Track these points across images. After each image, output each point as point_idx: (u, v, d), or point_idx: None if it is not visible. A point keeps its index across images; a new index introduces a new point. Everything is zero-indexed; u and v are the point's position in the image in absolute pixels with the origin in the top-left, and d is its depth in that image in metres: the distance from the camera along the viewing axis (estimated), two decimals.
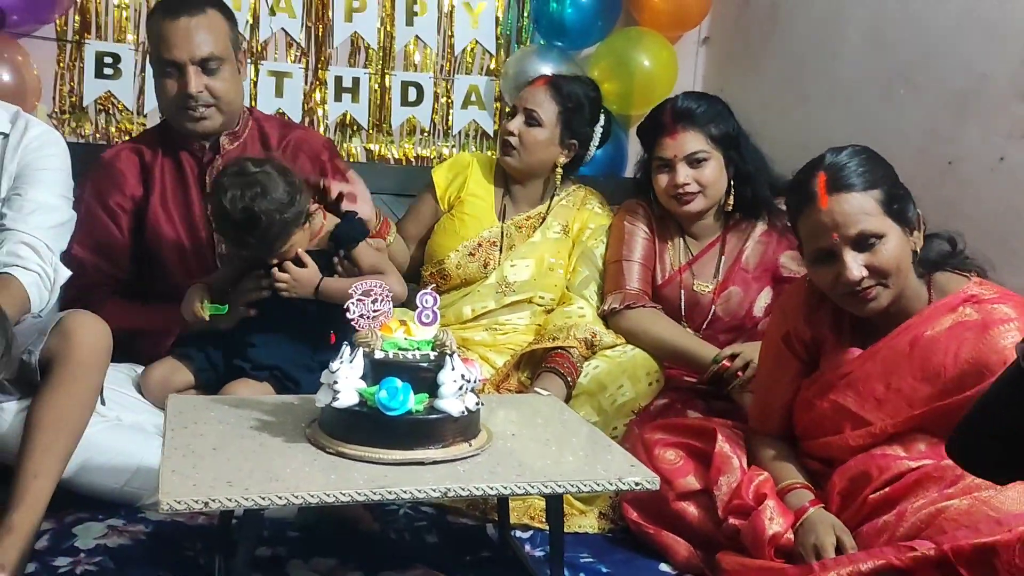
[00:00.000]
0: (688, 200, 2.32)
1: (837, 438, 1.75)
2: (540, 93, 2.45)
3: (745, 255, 2.37)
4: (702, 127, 2.31)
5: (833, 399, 1.75)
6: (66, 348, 1.69)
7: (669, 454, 1.91)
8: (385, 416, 1.47)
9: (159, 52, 2.11)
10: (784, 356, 1.85)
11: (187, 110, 2.12)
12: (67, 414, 1.67)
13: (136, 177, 2.21)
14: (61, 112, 2.94)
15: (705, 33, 3.34)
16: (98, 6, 2.93)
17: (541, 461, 1.56)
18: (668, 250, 2.42)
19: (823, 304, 1.81)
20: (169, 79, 2.11)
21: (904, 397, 1.69)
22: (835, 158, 1.69)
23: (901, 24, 2.47)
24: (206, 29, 2.09)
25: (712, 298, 2.36)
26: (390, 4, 3.12)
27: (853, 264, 1.65)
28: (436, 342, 1.55)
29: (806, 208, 1.69)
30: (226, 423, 1.61)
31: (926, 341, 1.68)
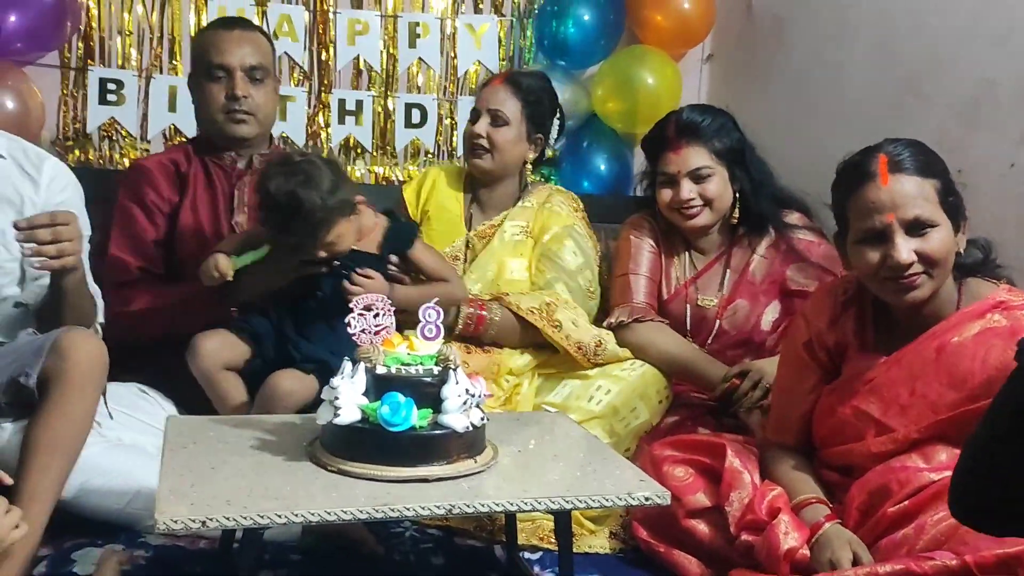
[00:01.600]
0: (693, 215, 2.30)
1: (859, 445, 1.71)
2: (501, 92, 2.40)
3: (752, 268, 2.34)
4: (706, 142, 2.28)
5: (855, 405, 1.72)
6: (62, 368, 1.66)
7: (678, 471, 1.87)
8: (388, 432, 1.43)
9: (209, 58, 2.22)
10: (805, 364, 1.82)
11: (231, 113, 2.22)
12: (63, 435, 1.65)
13: (170, 181, 2.27)
14: (65, 139, 2.95)
15: (709, 50, 3.34)
16: (102, 33, 2.94)
17: (548, 477, 1.52)
18: (674, 265, 2.39)
19: (847, 310, 1.78)
20: (216, 84, 2.22)
21: (929, 403, 1.65)
22: (895, 144, 1.67)
23: (908, 34, 2.46)
24: (256, 43, 2.26)
25: (718, 312, 2.32)
26: (392, 27, 3.13)
27: (904, 247, 1.61)
28: (439, 356, 1.52)
29: (862, 186, 1.65)
30: (225, 442, 1.58)
31: (953, 347, 1.65)
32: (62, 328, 1.76)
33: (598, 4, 3.08)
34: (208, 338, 2.00)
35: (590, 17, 3.07)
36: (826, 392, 1.79)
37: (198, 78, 2.26)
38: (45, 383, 1.68)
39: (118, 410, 1.96)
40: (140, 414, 2.04)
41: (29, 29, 2.71)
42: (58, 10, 2.76)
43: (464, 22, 3.17)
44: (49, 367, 1.67)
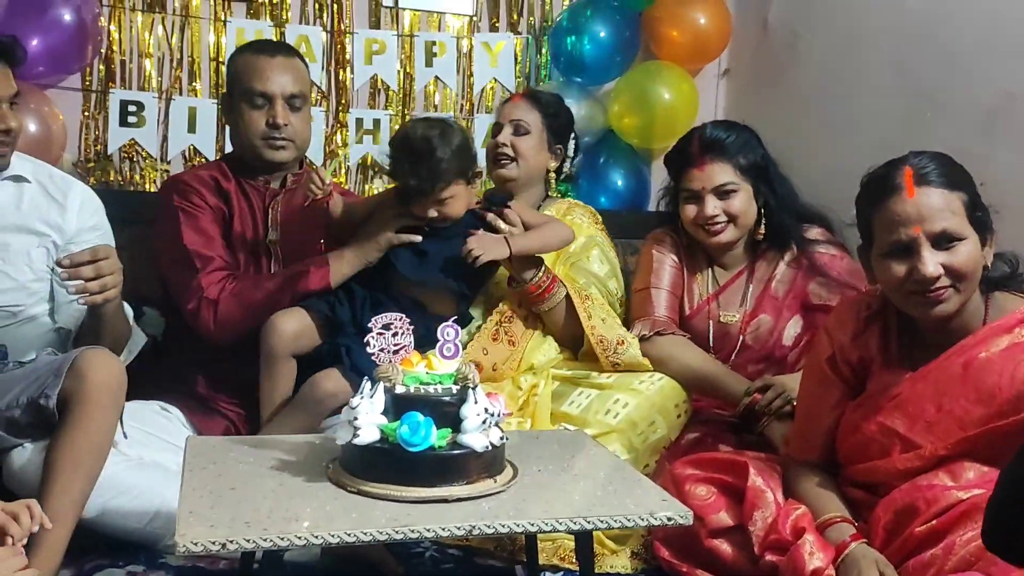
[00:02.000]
0: (717, 231, 2.29)
1: (884, 462, 1.69)
2: (521, 104, 2.47)
3: (774, 283, 2.33)
4: (730, 158, 2.27)
5: (881, 421, 1.70)
6: (80, 389, 1.68)
7: (700, 490, 1.85)
8: (407, 452, 1.43)
9: (251, 84, 2.23)
10: (828, 379, 1.80)
11: (271, 139, 2.24)
12: (83, 456, 1.66)
13: (214, 194, 2.28)
14: (86, 161, 2.97)
15: (725, 65, 3.33)
16: (123, 56, 2.97)
17: (569, 497, 1.51)
18: (696, 281, 2.39)
19: (871, 325, 1.76)
20: (257, 110, 2.23)
21: (956, 419, 1.63)
22: (920, 157, 1.66)
23: (924, 47, 2.44)
24: (296, 70, 2.28)
25: (741, 327, 2.31)
26: (409, 46, 3.15)
27: (930, 260, 1.60)
28: (458, 375, 1.52)
29: (888, 199, 1.63)
30: (245, 462, 1.58)
31: (980, 363, 1.63)
32: (80, 348, 1.77)
33: (614, 21, 3.09)
34: (288, 319, 2.11)
35: (606, 34, 3.07)
36: (850, 408, 1.77)
37: (237, 101, 2.26)
38: (64, 404, 1.69)
39: (139, 428, 1.98)
40: (161, 432, 2.05)
41: (51, 53, 2.74)
42: (80, 34, 2.79)
43: (480, 40, 3.19)
44: (68, 388, 1.69)
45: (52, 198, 2.11)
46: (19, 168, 2.08)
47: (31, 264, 2.04)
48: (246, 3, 3.03)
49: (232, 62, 2.34)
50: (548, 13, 3.22)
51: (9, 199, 2.04)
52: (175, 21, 2.99)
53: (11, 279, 2.01)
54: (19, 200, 2.07)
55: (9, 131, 1.97)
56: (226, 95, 2.34)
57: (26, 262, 2.04)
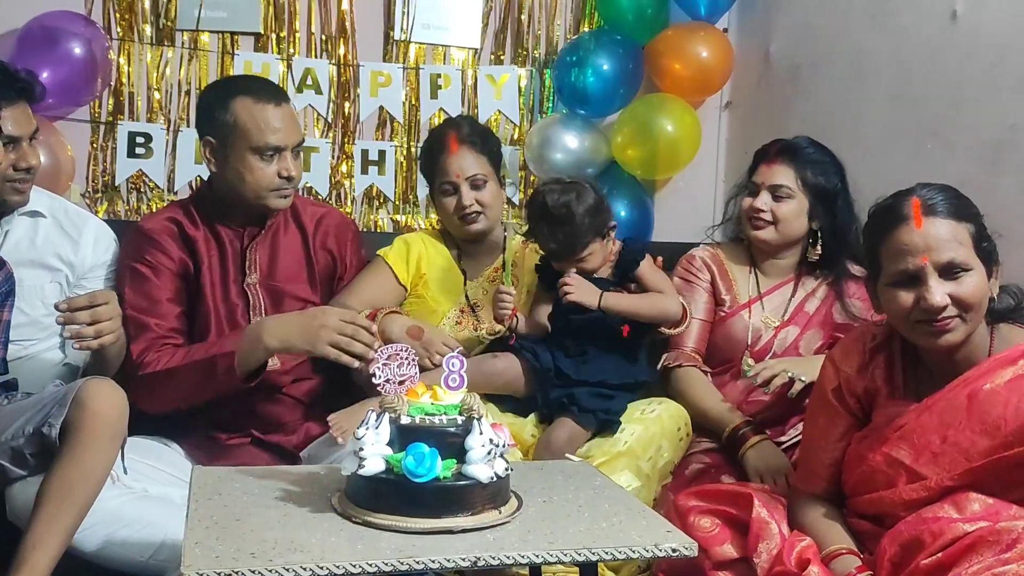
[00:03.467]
0: (759, 227, 2.36)
1: (890, 492, 1.68)
2: (467, 156, 2.37)
3: (810, 300, 2.39)
4: (798, 167, 2.35)
5: (886, 452, 1.70)
6: (81, 419, 1.68)
7: (704, 521, 1.84)
8: (412, 483, 1.43)
9: (261, 137, 2.11)
10: (834, 410, 1.80)
11: (280, 190, 2.16)
12: (75, 486, 1.65)
13: (179, 245, 2.18)
14: (94, 191, 3.00)
15: (727, 97, 3.36)
16: (131, 88, 3.01)
17: (574, 528, 1.50)
18: (738, 279, 2.44)
19: (876, 356, 1.77)
20: (267, 163, 2.13)
21: (962, 451, 1.63)
22: (928, 188, 1.68)
23: (927, 80, 2.47)
24: (296, 116, 2.24)
25: (774, 333, 2.36)
26: (415, 78, 3.18)
27: (937, 290, 1.61)
28: (463, 406, 1.52)
29: (896, 229, 1.65)
30: (250, 494, 1.58)
31: (985, 394, 1.63)
32: (85, 378, 1.77)
33: (617, 54, 3.12)
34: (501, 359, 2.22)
35: (609, 67, 3.10)
36: (856, 439, 1.77)
37: (240, 151, 2.12)
38: (65, 433, 1.69)
39: (142, 461, 1.97)
40: (166, 466, 2.05)
41: (61, 85, 2.78)
42: (89, 67, 2.83)
43: (485, 73, 3.22)
44: (70, 418, 1.69)
45: (66, 234, 2.13)
46: (36, 203, 2.11)
47: (44, 299, 2.06)
48: (254, 37, 3.07)
49: (226, 106, 2.13)
50: (552, 46, 3.26)
51: (24, 234, 2.06)
52: (183, 54, 3.03)
53: (24, 314, 2.03)
54: (34, 235, 2.10)
55: (30, 168, 2.00)
56: (217, 138, 2.15)
57: (39, 297, 2.05)
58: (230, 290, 2.21)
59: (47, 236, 2.11)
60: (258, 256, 2.24)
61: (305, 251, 2.29)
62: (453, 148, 2.36)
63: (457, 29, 3.20)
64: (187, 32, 3.02)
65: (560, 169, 3.14)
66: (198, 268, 2.18)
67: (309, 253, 2.29)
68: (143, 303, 2.12)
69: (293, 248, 2.26)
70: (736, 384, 2.36)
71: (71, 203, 2.25)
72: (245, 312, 2.20)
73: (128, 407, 1.77)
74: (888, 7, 2.61)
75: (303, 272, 2.27)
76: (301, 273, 2.27)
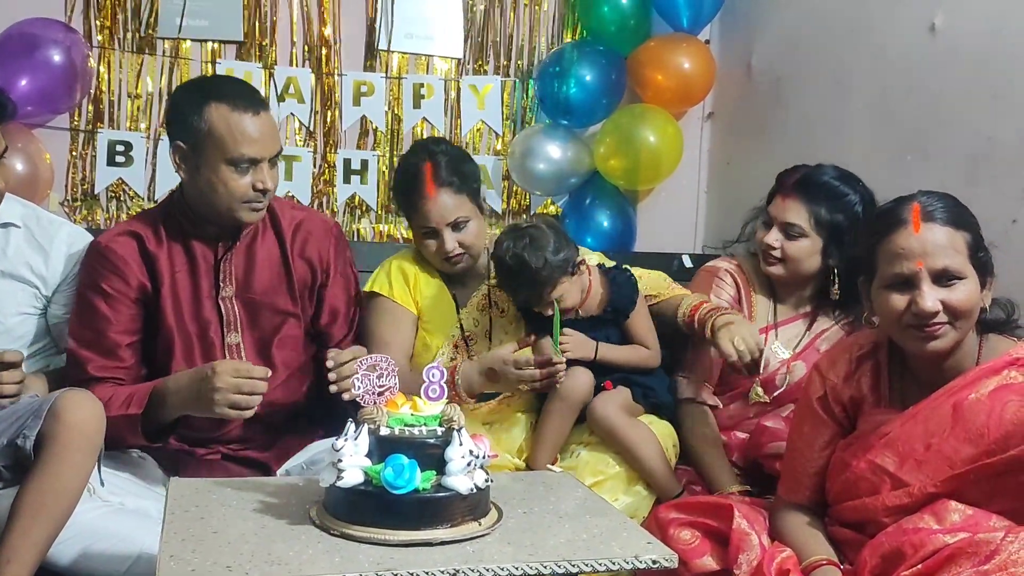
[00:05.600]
0: (771, 262, 2.33)
1: (872, 499, 1.69)
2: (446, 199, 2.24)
3: (822, 338, 2.35)
4: (812, 204, 2.27)
5: (871, 459, 1.71)
6: (56, 431, 1.65)
7: (684, 534, 1.84)
8: (391, 495, 1.42)
9: (238, 150, 1.99)
10: (819, 420, 1.81)
11: (253, 202, 2.04)
12: (49, 499, 1.63)
13: (139, 265, 2.07)
14: (73, 200, 2.98)
15: (709, 108, 3.37)
16: (111, 96, 2.99)
17: (554, 539, 1.50)
18: (758, 302, 2.41)
19: (863, 364, 1.78)
20: (242, 174, 2.00)
21: (945, 458, 1.64)
22: (929, 196, 1.69)
23: (907, 93, 2.48)
24: (274, 125, 2.08)
25: (780, 366, 2.32)
26: (397, 87, 3.18)
27: (930, 295, 1.62)
28: (443, 417, 1.51)
29: (894, 233, 1.66)
30: (228, 506, 1.56)
31: (969, 404, 1.64)
32: (61, 390, 1.75)
33: (599, 64, 3.13)
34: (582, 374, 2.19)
35: (592, 77, 3.11)
36: (841, 447, 1.78)
37: (213, 160, 1.99)
38: (40, 446, 1.67)
39: (117, 474, 1.95)
40: (142, 479, 2.03)
41: (40, 93, 2.76)
42: (69, 75, 2.81)
43: (467, 83, 3.22)
44: (45, 429, 1.67)
45: (38, 244, 2.11)
46: (8, 214, 2.08)
47: (17, 309, 2.03)
48: (236, 45, 3.06)
49: (200, 112, 1.99)
50: (535, 56, 3.27)
51: None
52: (164, 62, 3.02)
53: None
54: (5, 246, 2.08)
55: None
56: (188, 144, 2.02)
57: (11, 307, 2.03)
58: (203, 305, 2.10)
59: (18, 247, 2.09)
60: (232, 267, 2.13)
61: (283, 260, 2.17)
62: (430, 193, 2.21)
63: (440, 39, 3.21)
64: (168, 40, 3.01)
65: (543, 179, 3.15)
66: (157, 289, 2.07)
67: (287, 262, 2.17)
68: (88, 335, 2.04)
69: (270, 257, 2.16)
70: (731, 407, 2.34)
71: (44, 211, 2.21)
72: (219, 328, 2.11)
73: (105, 419, 1.75)
74: (867, 20, 2.63)
75: (282, 283, 2.16)
76: (280, 284, 2.16)
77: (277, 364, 2.13)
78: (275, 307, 2.16)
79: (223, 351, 2.12)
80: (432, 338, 2.34)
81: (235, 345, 2.13)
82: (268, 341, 2.16)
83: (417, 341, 2.35)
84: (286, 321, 2.17)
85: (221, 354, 2.11)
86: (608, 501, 1.87)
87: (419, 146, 2.38)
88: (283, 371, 2.15)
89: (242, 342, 2.13)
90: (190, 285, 2.11)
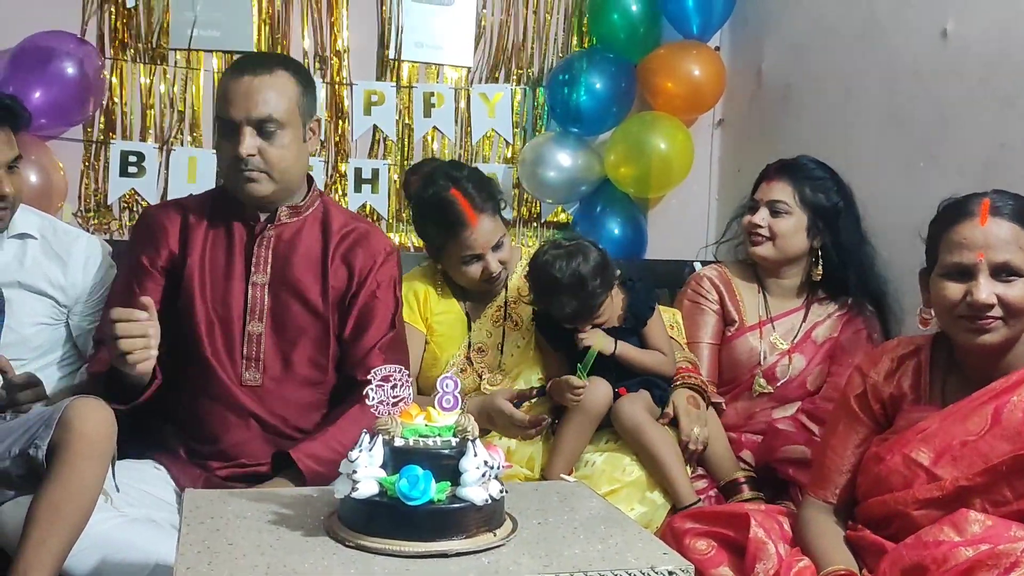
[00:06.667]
0: (756, 242, 2.39)
1: (903, 493, 1.69)
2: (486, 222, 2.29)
3: (819, 328, 2.40)
4: (796, 183, 2.38)
5: (906, 453, 1.70)
6: (67, 440, 1.65)
7: (700, 544, 1.83)
8: (406, 506, 1.42)
9: (219, 111, 2.00)
10: (855, 417, 1.81)
11: (239, 172, 1.97)
12: (63, 508, 1.63)
13: (176, 235, 2.07)
14: (86, 210, 2.99)
15: (720, 116, 3.37)
16: (123, 107, 3.00)
17: (569, 550, 1.49)
18: (746, 299, 2.45)
19: (905, 363, 1.79)
20: (225, 140, 1.98)
21: (981, 455, 1.64)
22: (1001, 194, 1.71)
23: (917, 98, 2.48)
24: (269, 89, 1.96)
25: (779, 357, 2.37)
26: (408, 97, 3.18)
27: (986, 287, 1.62)
28: (457, 427, 1.51)
29: (959, 223, 1.67)
30: (243, 517, 1.56)
31: (1011, 406, 1.64)
32: (71, 398, 1.75)
33: (609, 72, 3.13)
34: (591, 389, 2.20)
35: (602, 85, 3.11)
36: (875, 442, 1.78)
37: (215, 129, 2.05)
38: (52, 455, 1.67)
39: (135, 486, 1.95)
40: (158, 491, 2.02)
41: (54, 105, 2.78)
42: (82, 87, 2.82)
43: (478, 91, 3.23)
44: (56, 438, 1.67)
45: (55, 254, 2.13)
46: (24, 225, 2.11)
47: (34, 320, 2.05)
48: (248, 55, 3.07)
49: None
50: (545, 64, 3.27)
51: (13, 256, 2.06)
52: (176, 73, 3.03)
53: (14, 332, 2.02)
54: (22, 257, 2.10)
55: (4, 197, 1.97)
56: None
57: (29, 317, 2.05)
58: (232, 286, 2.06)
59: (35, 259, 2.11)
60: (268, 253, 2.08)
61: (322, 258, 2.10)
62: (473, 223, 2.24)
63: (450, 48, 3.22)
64: (180, 51, 3.03)
65: (554, 187, 3.15)
66: (185, 256, 2.05)
67: (325, 260, 2.10)
68: (115, 300, 2.03)
69: (310, 253, 2.09)
70: (737, 405, 2.36)
71: (61, 222, 2.24)
72: (242, 313, 2.06)
73: (116, 425, 1.75)
74: (878, 26, 2.63)
75: (316, 281, 2.09)
76: (314, 282, 2.09)
77: (294, 364, 2.09)
78: (304, 302, 2.09)
79: (242, 338, 2.07)
80: (442, 352, 2.38)
81: (256, 335, 2.07)
82: (290, 339, 2.08)
83: (427, 355, 2.39)
84: (312, 322, 2.09)
85: (240, 340, 2.07)
86: (623, 511, 1.87)
87: (438, 174, 2.33)
88: (299, 373, 2.10)
89: (263, 333, 2.07)
90: (223, 263, 2.07)
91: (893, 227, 2.38)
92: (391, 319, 2.14)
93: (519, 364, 2.38)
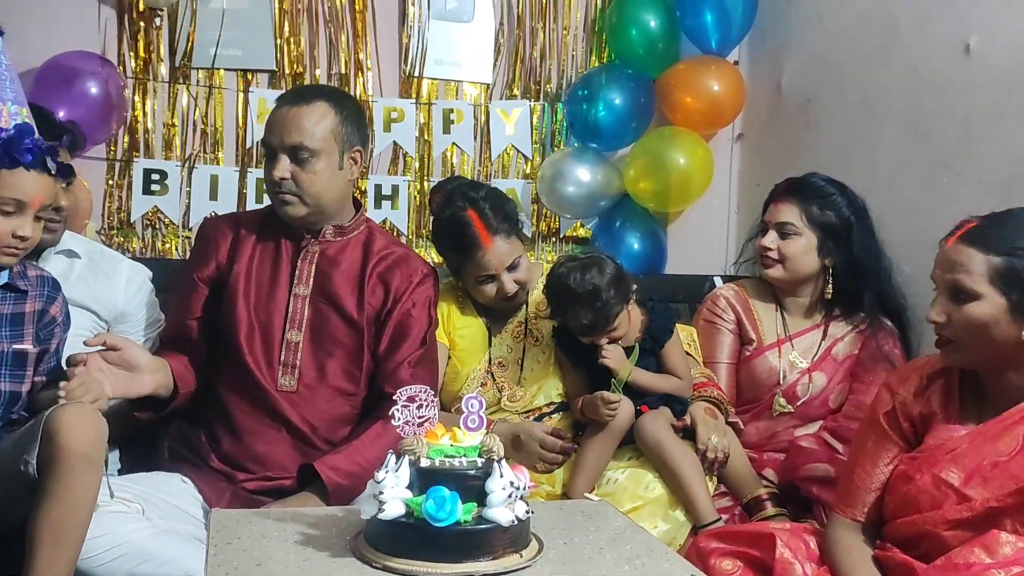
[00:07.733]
0: (767, 264, 2.39)
1: (933, 513, 1.68)
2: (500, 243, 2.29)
3: (838, 346, 2.39)
4: (802, 203, 2.36)
5: (935, 473, 1.69)
6: (52, 454, 1.62)
7: (726, 563, 1.82)
8: (432, 527, 1.42)
9: (263, 137, 2.17)
10: (885, 435, 1.80)
11: (275, 194, 2.12)
12: (64, 524, 1.62)
13: (227, 246, 2.20)
14: (109, 228, 3.02)
15: (739, 130, 3.37)
16: (147, 126, 3.03)
17: (595, 571, 1.49)
18: (763, 319, 2.45)
19: (935, 382, 1.79)
20: (267, 164, 2.14)
21: (1012, 476, 1.63)
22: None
23: (939, 113, 2.47)
24: (305, 119, 2.09)
25: (799, 376, 2.36)
26: (427, 113, 3.20)
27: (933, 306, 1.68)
28: (483, 448, 1.51)
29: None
30: (269, 537, 1.57)
31: None
32: (52, 407, 1.69)
33: (628, 88, 3.14)
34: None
35: (621, 100, 3.12)
36: (904, 460, 1.77)
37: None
38: (43, 468, 1.65)
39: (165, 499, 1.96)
40: (185, 504, 2.04)
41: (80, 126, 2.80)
42: (106, 106, 2.85)
43: (497, 107, 3.24)
44: (44, 453, 1.64)
45: (101, 271, 2.19)
46: (71, 244, 2.18)
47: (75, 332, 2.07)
48: (268, 74, 3.10)
49: None
50: (564, 80, 3.28)
51: (59, 273, 2.10)
52: (198, 92, 3.06)
53: None
54: (68, 273, 2.16)
55: (60, 209, 2.06)
56: None
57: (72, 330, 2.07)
58: (275, 295, 2.16)
59: (81, 276, 2.17)
60: (312, 268, 2.17)
61: (361, 275, 2.19)
62: (487, 244, 2.26)
63: (469, 64, 3.23)
64: (203, 70, 3.05)
65: (573, 202, 3.16)
66: (233, 263, 2.17)
67: (363, 278, 2.18)
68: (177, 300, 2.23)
69: (350, 269, 2.18)
70: (758, 425, 2.35)
71: (107, 248, 2.38)
72: (283, 321, 2.15)
73: (104, 429, 1.69)
74: (899, 41, 2.62)
75: (353, 294, 2.18)
76: (351, 295, 2.17)
77: (328, 373, 2.15)
78: (342, 315, 2.16)
79: (281, 345, 2.15)
80: (463, 366, 2.39)
81: (294, 343, 2.15)
82: (327, 349, 2.16)
83: (448, 368, 2.40)
84: (348, 334, 2.16)
85: (279, 347, 2.15)
86: (647, 529, 1.86)
87: (457, 194, 2.35)
88: (332, 383, 2.16)
89: (301, 341, 2.15)
90: (269, 273, 2.18)
91: (915, 242, 2.36)
92: (423, 336, 2.21)
93: (539, 379, 2.38)
